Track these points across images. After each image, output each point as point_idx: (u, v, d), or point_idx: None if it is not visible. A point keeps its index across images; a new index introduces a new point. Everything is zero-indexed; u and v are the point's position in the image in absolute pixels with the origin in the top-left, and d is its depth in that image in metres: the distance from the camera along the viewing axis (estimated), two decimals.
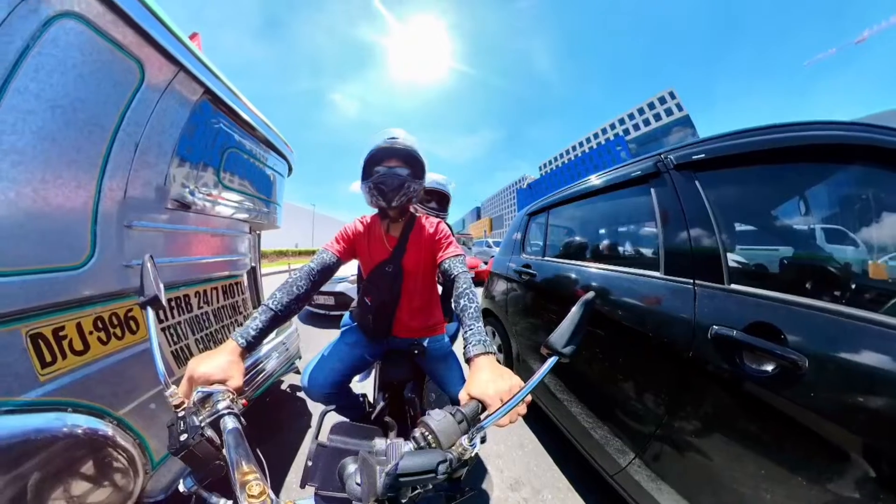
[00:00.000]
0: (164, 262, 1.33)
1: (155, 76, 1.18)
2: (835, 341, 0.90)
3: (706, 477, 1.10)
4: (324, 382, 1.24)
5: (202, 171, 1.50)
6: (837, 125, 1.02)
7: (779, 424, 0.94)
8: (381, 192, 1.13)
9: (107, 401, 1.05)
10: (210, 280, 1.66)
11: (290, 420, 2.20)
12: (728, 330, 1.06)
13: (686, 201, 1.33)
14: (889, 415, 0.79)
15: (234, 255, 1.85)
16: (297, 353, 2.38)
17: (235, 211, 1.79)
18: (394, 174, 1.13)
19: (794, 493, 0.90)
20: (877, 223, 1.08)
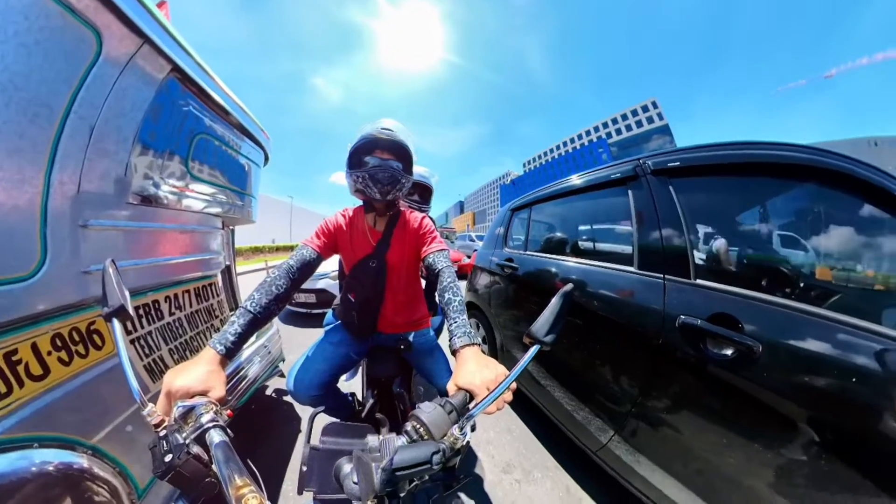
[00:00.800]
0: (128, 265, 1.18)
1: (114, 49, 1.00)
2: (785, 331, 1.04)
3: (677, 448, 1.24)
4: (310, 384, 1.19)
5: (168, 160, 1.32)
6: (794, 147, 1.15)
7: (737, 400, 1.09)
8: (377, 183, 1.08)
9: (77, 429, 0.92)
10: (181, 283, 1.50)
11: (279, 426, 2.10)
12: (693, 319, 1.19)
13: (660, 204, 1.44)
14: (828, 392, 0.94)
15: (206, 253, 1.67)
16: (280, 356, 2.27)
17: (206, 204, 1.60)
18: (389, 167, 1.09)
19: (752, 457, 1.05)
20: (824, 233, 1.24)
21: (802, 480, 0.97)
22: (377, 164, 1.09)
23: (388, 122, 1.12)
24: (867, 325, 0.94)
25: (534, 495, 1.65)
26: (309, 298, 4.38)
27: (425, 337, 1.34)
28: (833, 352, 0.95)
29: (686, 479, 1.21)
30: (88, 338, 1.01)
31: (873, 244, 1.11)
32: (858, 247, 1.13)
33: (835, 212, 1.21)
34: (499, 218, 2.90)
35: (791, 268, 1.28)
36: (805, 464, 0.95)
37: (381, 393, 1.29)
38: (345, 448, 0.62)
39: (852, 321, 0.96)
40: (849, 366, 0.92)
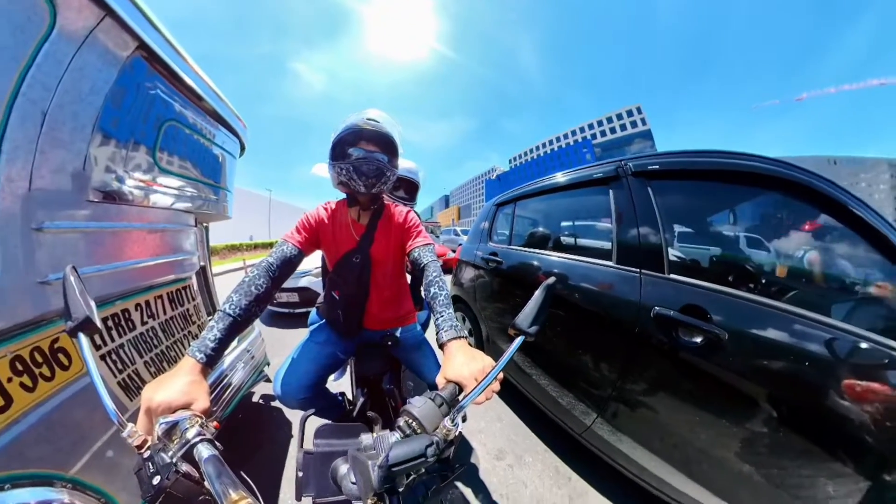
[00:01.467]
0: (91, 271, 1.05)
1: (71, 21, 0.87)
2: (748, 321, 1.16)
3: (655, 426, 1.36)
4: (298, 387, 1.15)
5: (133, 151, 1.18)
6: (763, 159, 1.27)
7: (706, 383, 1.21)
8: (362, 176, 1.04)
9: (53, 462, 0.83)
10: (152, 288, 1.37)
11: (270, 433, 2.01)
12: (667, 310, 1.29)
13: (639, 204, 1.53)
14: (785, 374, 1.07)
15: (178, 254, 1.54)
16: (264, 360, 2.15)
17: (177, 200, 1.47)
18: (375, 159, 1.05)
19: (719, 431, 1.19)
20: (785, 237, 1.38)
21: (764, 450, 1.11)
22: (362, 156, 1.05)
23: (373, 112, 1.08)
24: (819, 318, 1.07)
25: (526, 478, 1.73)
26: (291, 297, 4.17)
27: (412, 332, 1.33)
28: (790, 340, 1.08)
29: (663, 454, 1.33)
30: (53, 357, 0.89)
31: (826, 248, 1.24)
32: (814, 249, 1.26)
33: (795, 218, 1.34)
34: (484, 213, 2.92)
35: (755, 266, 1.42)
36: (765, 435, 1.10)
37: (371, 390, 1.28)
38: (339, 449, 0.62)
39: (806, 314, 1.09)
40: (803, 352, 1.05)
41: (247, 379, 1.86)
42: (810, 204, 1.20)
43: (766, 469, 1.11)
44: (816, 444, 1.02)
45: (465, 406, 0.56)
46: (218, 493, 0.44)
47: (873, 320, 1.06)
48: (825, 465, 1.01)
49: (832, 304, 1.17)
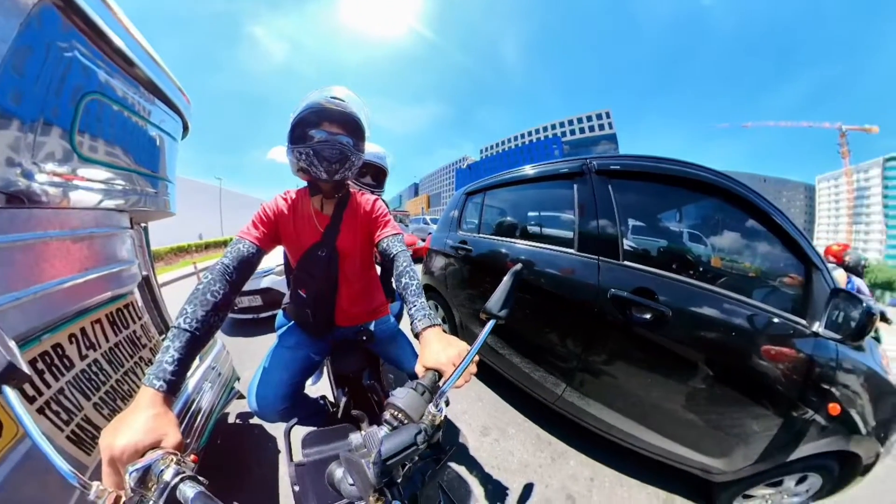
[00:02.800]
0: (4, 302, 0.81)
1: None
2: (688, 300, 1.40)
3: (615, 389, 1.59)
4: (275, 398, 1.07)
5: (44, 135, 0.91)
6: (708, 170, 1.49)
7: (655, 351, 1.44)
8: (323, 161, 0.95)
9: None
10: (86, 312, 1.11)
11: (255, 453, 1.83)
12: (621, 292, 1.48)
13: (599, 199, 1.68)
14: (716, 341, 1.35)
15: (112, 265, 1.25)
16: (233, 376, 1.92)
17: (105, 197, 1.17)
18: (338, 142, 0.96)
19: (667, 388, 1.46)
20: (719, 235, 1.68)
21: (703, 401, 1.40)
22: (324, 139, 0.96)
23: (338, 90, 1.00)
24: (743, 299, 1.36)
25: (512, 448, 1.88)
26: (253, 301, 3.73)
27: (386, 324, 1.30)
28: (721, 316, 1.35)
29: (625, 411, 1.57)
30: None
31: (750, 246, 1.55)
32: (740, 247, 1.59)
33: (728, 221, 1.62)
34: (454, 201, 2.94)
35: (694, 256, 1.70)
36: (704, 389, 1.38)
37: (351, 389, 1.24)
38: (330, 454, 0.61)
39: (734, 295, 1.37)
40: (731, 325, 1.32)
41: (217, 400, 1.64)
42: (742, 210, 1.46)
43: (706, 415, 1.40)
44: (743, 394, 1.32)
45: (446, 391, 0.57)
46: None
47: (783, 302, 1.38)
48: (750, 409, 1.31)
49: (753, 289, 1.47)
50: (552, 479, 1.70)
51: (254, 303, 3.75)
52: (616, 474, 1.75)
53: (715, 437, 1.39)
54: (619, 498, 1.62)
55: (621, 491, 1.66)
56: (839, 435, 1.23)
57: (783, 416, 1.26)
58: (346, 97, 0.99)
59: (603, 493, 1.64)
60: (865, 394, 1.24)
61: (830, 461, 1.29)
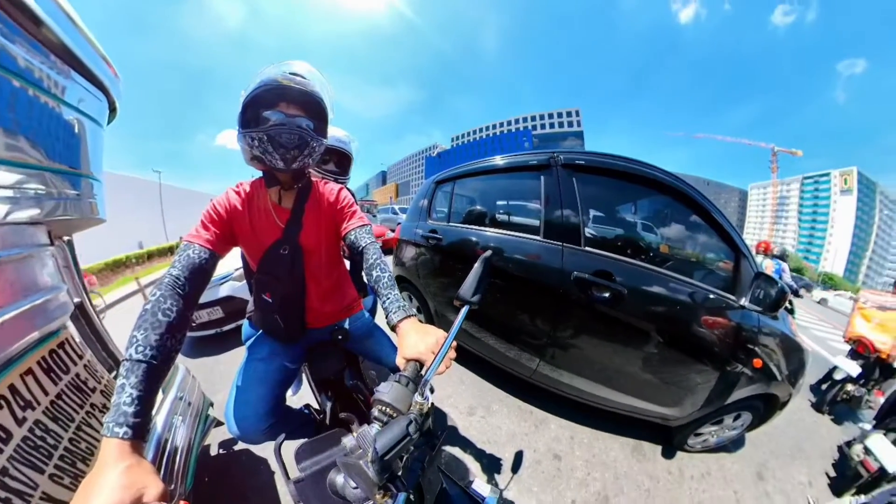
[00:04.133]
0: None
1: None
2: (641, 280, 1.59)
3: (582, 359, 1.78)
4: (256, 418, 1.00)
5: None
6: (661, 170, 1.68)
7: (614, 324, 1.64)
8: (280, 147, 0.85)
9: None
10: (10, 364, 0.87)
11: (248, 480, 1.71)
12: (583, 274, 1.63)
13: (564, 190, 1.79)
14: (664, 314, 1.58)
15: (33, 295, 0.99)
16: (205, 402, 1.73)
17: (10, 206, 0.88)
18: (296, 126, 0.86)
19: (626, 354, 1.68)
20: (668, 226, 1.91)
21: (655, 362, 1.64)
22: (280, 122, 0.85)
23: (299, 65, 0.90)
24: (686, 279, 1.60)
25: (499, 422, 2.02)
26: (214, 314, 3.23)
27: (361, 321, 1.24)
28: (667, 293, 1.57)
29: (593, 377, 1.78)
30: None
31: (693, 236, 1.81)
32: (685, 237, 1.84)
33: (676, 214, 1.85)
34: (423, 190, 2.89)
35: (646, 243, 1.92)
36: (656, 353, 1.62)
37: (335, 392, 1.18)
38: (327, 462, 0.61)
39: (678, 276, 1.59)
40: (676, 300, 1.55)
41: (194, 433, 1.47)
42: (688, 207, 1.68)
43: (660, 374, 1.67)
44: (688, 355, 1.60)
45: (429, 379, 0.58)
46: None
47: (718, 282, 1.66)
48: (694, 366, 1.60)
49: (694, 271, 1.73)
50: (538, 443, 1.89)
51: (214, 315, 3.21)
52: (592, 431, 2.01)
53: (668, 391, 1.69)
54: (597, 450, 1.89)
55: (598, 444, 1.93)
56: (762, 382, 1.58)
57: (720, 370, 1.57)
58: (308, 74, 0.89)
59: (583, 449, 1.89)
60: (780, 351, 1.61)
61: (757, 401, 1.68)
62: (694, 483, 1.76)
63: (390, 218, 13.87)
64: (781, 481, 1.89)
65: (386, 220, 14.01)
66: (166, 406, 1.38)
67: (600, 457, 1.84)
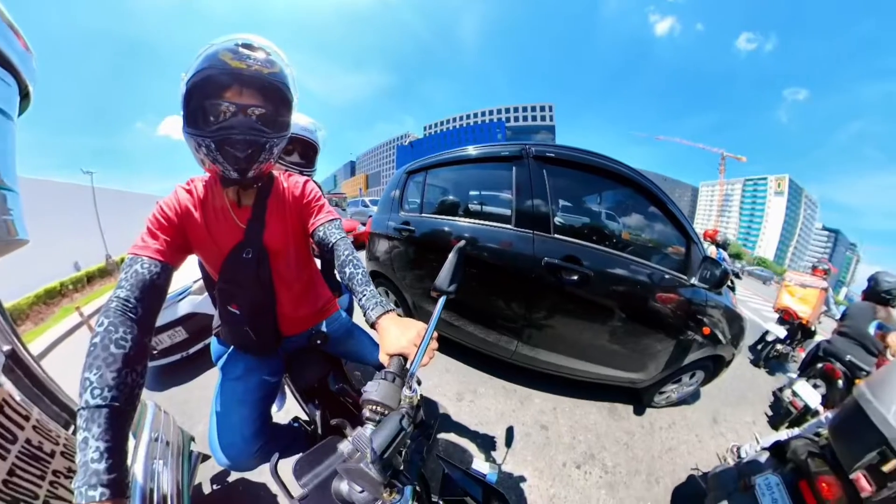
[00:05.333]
0: None
1: None
2: (605, 264, 1.75)
3: (556, 337, 1.94)
4: (244, 443, 0.94)
5: None
6: (625, 165, 1.83)
7: (582, 303, 1.81)
8: (230, 156, 0.73)
9: None
10: None
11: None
12: (553, 259, 1.74)
13: (534, 181, 1.87)
14: (626, 293, 1.78)
15: None
16: (186, 438, 1.56)
17: None
18: (251, 128, 0.73)
19: (594, 330, 1.87)
20: (629, 216, 2.10)
21: (620, 334, 1.84)
22: (230, 125, 0.71)
23: (253, 38, 0.73)
24: (644, 262, 1.78)
25: (487, 404, 2.12)
26: (176, 336, 2.77)
27: (339, 321, 1.18)
28: (628, 274, 1.74)
29: (567, 352, 1.96)
30: None
31: (651, 225, 2.01)
32: (644, 225, 2.04)
33: (636, 205, 2.04)
34: (394, 181, 2.81)
35: (610, 231, 2.10)
36: (620, 326, 1.82)
37: (322, 399, 1.13)
38: (328, 473, 0.60)
39: (638, 259, 1.76)
40: (636, 280, 1.73)
41: (180, 475, 1.34)
42: (646, 199, 1.86)
43: (625, 345, 1.88)
44: (649, 327, 1.82)
45: (415, 372, 0.58)
46: None
47: (672, 264, 1.85)
48: (654, 336, 1.83)
49: (652, 255, 1.92)
50: (525, 417, 2.04)
51: (177, 338, 2.74)
52: (572, 400, 2.22)
53: (634, 359, 1.92)
54: (578, 416, 2.11)
55: (579, 411, 2.15)
56: (711, 346, 1.85)
57: (676, 338, 1.81)
58: (265, 47, 0.74)
59: (566, 417, 2.09)
60: (724, 320, 1.88)
61: (708, 362, 2.00)
62: (663, 433, 2.08)
63: (361, 211, 13.20)
64: (732, 422, 2.32)
65: (356, 213, 13.25)
66: (142, 452, 1.20)
67: (582, 421, 2.07)
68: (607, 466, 1.77)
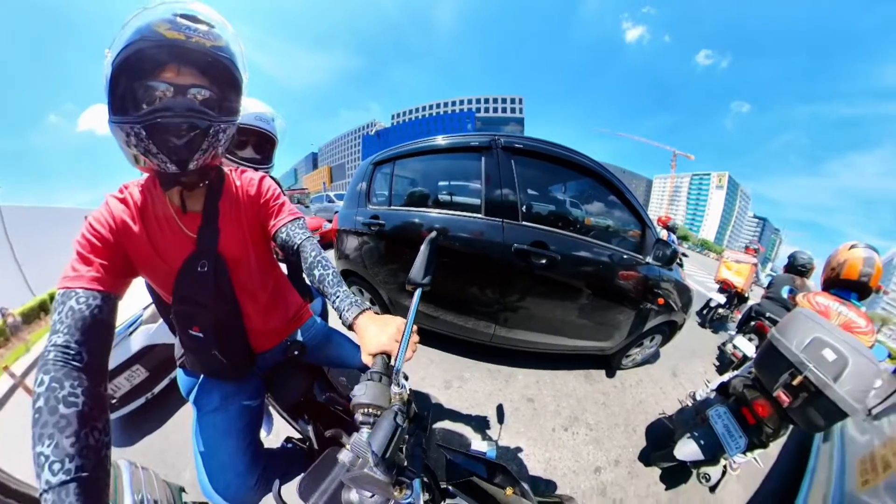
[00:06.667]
0: None
1: None
2: (571, 247, 1.88)
3: (528, 317, 2.07)
4: (239, 479, 0.86)
5: None
6: (587, 157, 2.00)
7: (551, 285, 1.95)
8: (166, 145, 0.61)
9: None
10: None
11: None
12: (522, 245, 1.84)
13: (503, 170, 1.93)
14: (590, 273, 1.97)
15: None
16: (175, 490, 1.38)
17: None
18: (186, 109, 0.61)
19: (564, 307, 2.05)
20: (590, 203, 2.28)
21: (588, 310, 2.05)
22: (163, 107, 0.59)
23: (194, 6, 0.63)
24: (605, 244, 1.95)
25: (474, 387, 2.21)
26: (135, 377, 2.27)
27: (314, 328, 1.10)
28: (592, 256, 1.91)
29: (542, 329, 2.12)
30: None
31: (610, 211, 2.19)
32: (604, 212, 2.22)
33: (598, 194, 2.22)
34: (360, 172, 2.68)
35: (574, 217, 2.26)
36: (588, 303, 2.02)
37: (311, 413, 1.07)
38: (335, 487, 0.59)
39: (600, 242, 1.93)
40: (599, 261, 1.90)
41: None
42: (607, 188, 2.03)
43: (593, 318, 2.10)
44: (612, 301, 2.05)
45: (400, 368, 0.57)
46: None
47: (629, 246, 2.05)
48: (617, 309, 2.07)
49: (611, 238, 2.11)
50: (512, 393, 2.19)
51: (136, 378, 2.28)
52: (551, 372, 2.42)
53: (601, 330, 2.15)
54: (559, 385, 2.32)
55: (559, 380, 2.36)
56: (665, 313, 2.10)
57: (636, 309, 2.02)
58: (208, 18, 0.63)
59: (548, 388, 2.28)
60: (675, 291, 2.13)
61: (664, 326, 2.31)
62: (633, 389, 2.40)
63: (326, 207, 12.26)
64: (687, 374, 2.79)
65: (321, 210, 12.37)
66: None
67: (563, 389, 2.28)
68: (591, 425, 2.00)
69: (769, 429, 1.34)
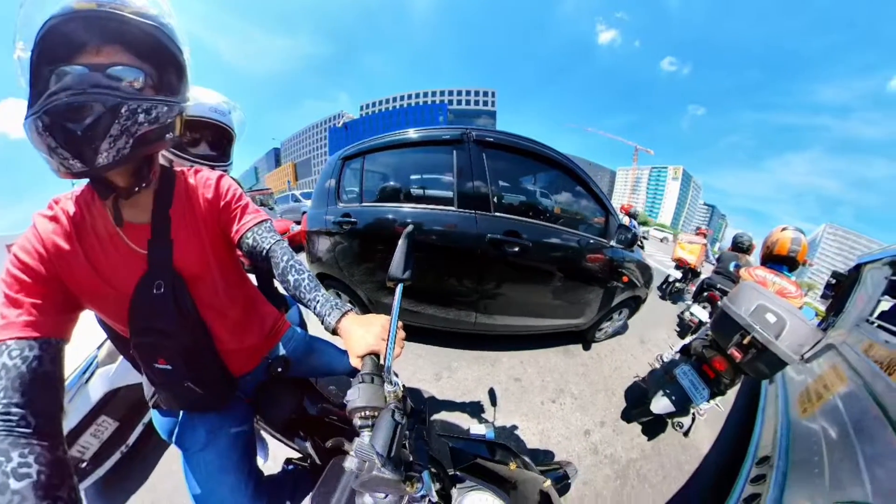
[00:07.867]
0: None
1: None
2: (542, 235, 1.98)
3: (507, 303, 2.18)
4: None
5: None
6: (556, 151, 2.11)
7: (525, 270, 2.08)
8: (63, 135, 0.47)
9: None
10: None
11: None
12: (496, 235, 1.91)
13: (475, 163, 1.97)
14: (561, 257, 2.14)
15: None
16: None
17: None
18: (94, 83, 0.48)
19: (538, 291, 2.19)
20: (559, 194, 2.43)
21: (560, 291, 2.20)
22: (61, 87, 0.47)
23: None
24: (574, 231, 2.09)
25: (463, 375, 2.27)
26: (102, 430, 1.89)
27: (294, 339, 1.02)
28: (561, 242, 2.04)
29: (520, 313, 2.25)
30: None
31: (577, 201, 2.34)
32: (572, 201, 2.37)
33: (566, 184, 2.35)
34: (328, 168, 2.52)
35: (544, 207, 2.40)
36: (560, 286, 2.18)
37: (306, 428, 1.03)
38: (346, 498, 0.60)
39: (568, 229, 2.07)
40: (568, 246, 2.04)
41: None
42: (574, 179, 2.15)
43: (565, 299, 2.27)
44: (582, 282, 2.24)
45: (390, 366, 0.57)
46: None
47: (595, 231, 2.20)
48: (587, 288, 2.27)
49: (579, 225, 2.24)
50: (499, 376, 2.31)
51: (105, 432, 1.91)
52: (532, 352, 2.58)
53: (574, 309, 2.35)
54: (542, 363, 2.49)
55: (541, 358, 2.54)
56: (630, 289, 2.32)
57: (604, 288, 2.21)
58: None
59: (532, 367, 2.43)
60: (637, 270, 2.35)
61: (630, 301, 2.57)
62: (608, 358, 2.68)
63: (292, 207, 11.34)
64: (653, 340, 3.19)
65: (288, 211, 11.43)
66: None
67: (546, 366, 2.46)
68: (575, 394, 2.19)
69: (726, 380, 1.60)
